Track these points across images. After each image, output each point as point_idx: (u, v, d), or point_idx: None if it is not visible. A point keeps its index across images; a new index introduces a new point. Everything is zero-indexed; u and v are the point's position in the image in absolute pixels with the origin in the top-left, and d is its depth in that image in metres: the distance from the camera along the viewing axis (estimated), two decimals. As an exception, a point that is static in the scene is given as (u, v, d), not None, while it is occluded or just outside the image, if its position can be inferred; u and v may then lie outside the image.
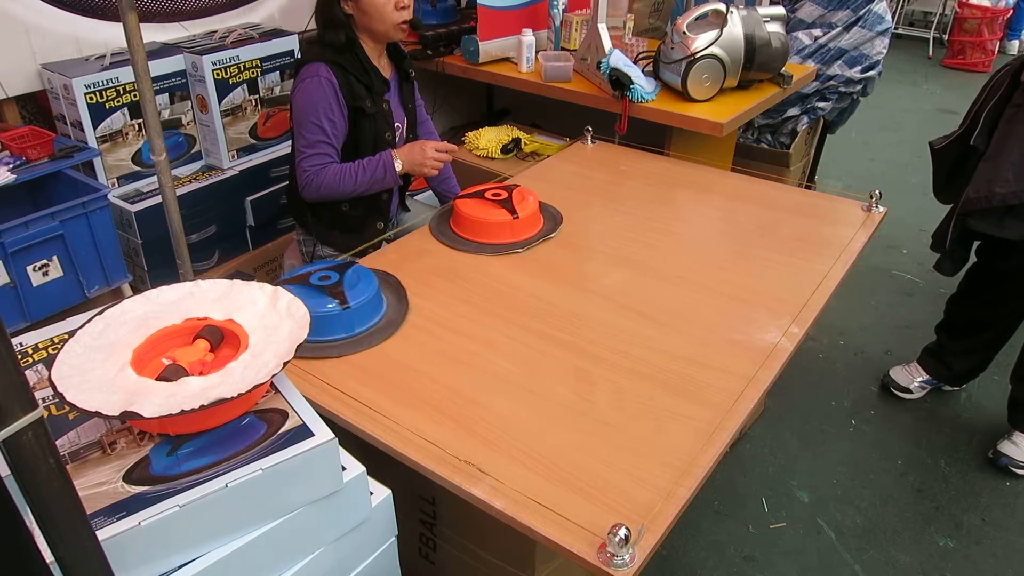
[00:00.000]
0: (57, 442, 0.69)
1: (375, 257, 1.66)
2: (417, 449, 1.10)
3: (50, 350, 1.03)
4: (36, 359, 1.01)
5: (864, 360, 2.57)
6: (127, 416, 0.80)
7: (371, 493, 1.00)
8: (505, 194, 1.71)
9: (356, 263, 1.46)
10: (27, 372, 0.99)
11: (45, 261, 1.70)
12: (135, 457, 0.85)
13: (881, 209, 1.78)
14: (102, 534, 0.74)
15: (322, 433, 0.88)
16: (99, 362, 0.89)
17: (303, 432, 0.88)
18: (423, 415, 1.17)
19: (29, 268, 1.67)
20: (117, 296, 1.88)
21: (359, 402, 1.19)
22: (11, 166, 1.73)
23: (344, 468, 0.93)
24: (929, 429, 2.27)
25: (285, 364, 0.89)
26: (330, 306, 1.35)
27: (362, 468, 0.95)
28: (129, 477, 0.82)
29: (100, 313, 0.97)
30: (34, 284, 1.69)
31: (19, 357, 0.62)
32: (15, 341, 1.03)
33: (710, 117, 2.13)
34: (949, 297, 2.32)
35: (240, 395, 0.83)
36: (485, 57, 2.56)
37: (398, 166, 1.76)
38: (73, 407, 0.81)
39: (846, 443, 2.22)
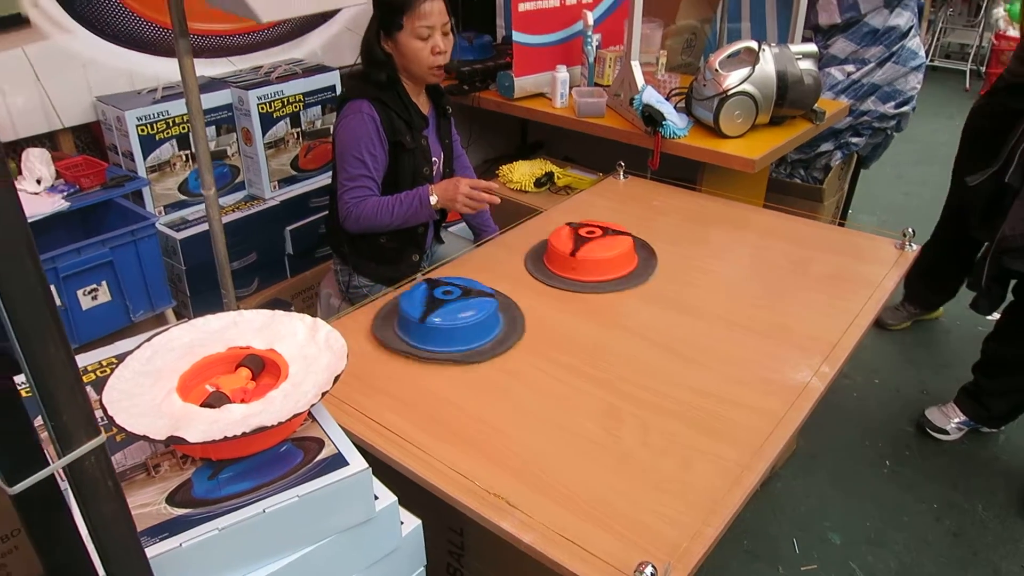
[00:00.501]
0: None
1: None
2: (448, 481, 1.11)
3: (98, 373, 1.07)
4: (85, 381, 1.06)
5: (899, 399, 2.52)
6: (173, 441, 0.83)
7: (402, 523, 1.01)
8: (599, 230, 1.72)
9: (435, 279, 1.51)
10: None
11: (95, 286, 1.77)
12: (178, 480, 0.88)
13: (914, 247, 1.77)
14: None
15: (356, 462, 0.90)
16: (147, 387, 0.93)
17: (338, 461, 0.91)
18: (453, 446, 1.19)
19: (79, 292, 1.74)
20: (161, 321, 1.94)
21: (391, 432, 1.21)
22: (65, 194, 1.81)
23: (376, 497, 0.95)
24: (966, 471, 2.22)
25: (324, 394, 0.92)
26: (490, 306, 1.42)
27: (394, 498, 0.97)
28: (172, 499, 0.85)
29: (148, 340, 1.01)
30: (83, 308, 1.76)
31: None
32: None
33: (742, 153, 2.15)
34: (986, 336, 2.28)
35: (280, 423, 0.86)
36: (520, 92, 2.61)
37: (433, 200, 1.80)
38: (122, 430, 0.84)
39: (880, 484, 2.18)
